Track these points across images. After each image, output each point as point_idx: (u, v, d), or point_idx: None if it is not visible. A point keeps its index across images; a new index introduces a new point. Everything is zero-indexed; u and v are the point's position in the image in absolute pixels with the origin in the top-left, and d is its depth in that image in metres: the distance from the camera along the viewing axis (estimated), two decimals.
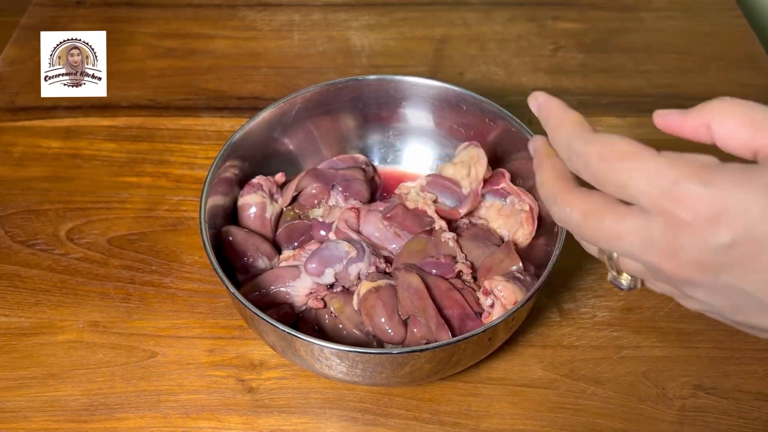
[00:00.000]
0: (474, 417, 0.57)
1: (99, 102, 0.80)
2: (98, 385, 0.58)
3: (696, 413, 0.57)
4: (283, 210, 0.64)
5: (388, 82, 0.65)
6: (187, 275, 0.65)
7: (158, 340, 0.61)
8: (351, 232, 0.60)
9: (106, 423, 0.56)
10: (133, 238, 0.68)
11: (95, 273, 0.65)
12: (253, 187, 0.62)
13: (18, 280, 0.65)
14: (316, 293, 0.58)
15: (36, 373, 0.59)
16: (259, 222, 0.62)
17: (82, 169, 0.74)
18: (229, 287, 0.51)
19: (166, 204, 0.71)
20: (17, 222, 0.69)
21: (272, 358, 0.60)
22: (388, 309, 0.55)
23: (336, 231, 0.61)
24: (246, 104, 0.81)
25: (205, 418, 0.56)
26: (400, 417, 0.57)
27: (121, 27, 0.90)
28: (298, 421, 0.56)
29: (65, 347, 0.61)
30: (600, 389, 0.58)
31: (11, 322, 0.62)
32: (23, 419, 0.56)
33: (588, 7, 0.83)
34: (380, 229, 0.61)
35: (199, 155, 0.75)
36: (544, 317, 0.63)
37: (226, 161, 0.60)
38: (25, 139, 0.77)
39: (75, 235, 0.68)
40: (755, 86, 0.82)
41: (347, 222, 0.61)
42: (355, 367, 0.50)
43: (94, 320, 0.62)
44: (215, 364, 0.60)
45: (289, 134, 0.65)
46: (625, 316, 0.62)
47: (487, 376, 0.59)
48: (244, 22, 0.91)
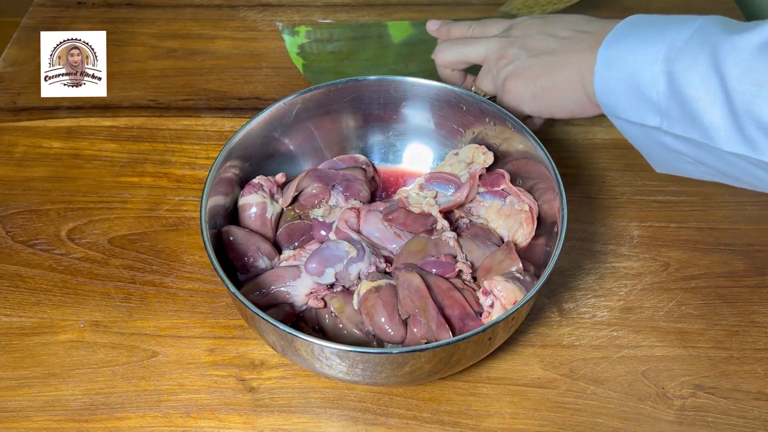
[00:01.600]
0: (474, 416, 0.57)
1: (100, 102, 0.80)
2: (99, 385, 0.58)
3: (695, 413, 0.57)
4: (283, 210, 0.64)
5: (389, 82, 0.65)
6: (188, 275, 0.66)
7: (159, 340, 0.61)
8: (351, 231, 0.60)
9: (107, 422, 0.56)
10: (134, 238, 0.68)
11: (96, 273, 0.66)
12: (254, 187, 0.62)
13: (19, 279, 0.65)
14: (317, 293, 0.58)
15: (37, 372, 0.59)
16: (260, 222, 0.62)
17: (84, 169, 0.74)
18: (229, 287, 0.51)
19: (167, 204, 0.71)
20: (18, 222, 0.70)
21: (273, 358, 0.60)
22: (389, 309, 0.55)
23: (336, 231, 0.61)
24: (247, 104, 0.81)
25: (206, 418, 0.57)
26: (401, 416, 0.57)
27: (122, 27, 0.90)
28: (299, 420, 0.57)
29: (66, 347, 0.61)
30: (600, 389, 0.58)
31: (12, 321, 0.62)
32: (24, 419, 0.57)
33: (588, 8, 0.83)
34: (380, 229, 0.61)
35: (200, 155, 0.76)
36: (543, 317, 0.63)
37: (227, 161, 0.60)
38: (26, 139, 0.77)
39: (76, 235, 0.69)
40: None
41: (347, 222, 0.61)
42: (356, 366, 0.50)
43: (95, 320, 0.62)
44: (216, 364, 0.60)
45: (290, 134, 0.65)
46: (624, 316, 0.63)
47: (487, 375, 0.59)
48: (244, 23, 0.91)
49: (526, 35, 0.65)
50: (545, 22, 0.65)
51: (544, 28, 0.64)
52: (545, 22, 0.65)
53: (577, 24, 0.62)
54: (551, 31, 0.63)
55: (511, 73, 0.64)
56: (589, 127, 0.78)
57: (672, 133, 0.53)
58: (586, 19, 0.62)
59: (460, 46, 0.69)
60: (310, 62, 0.85)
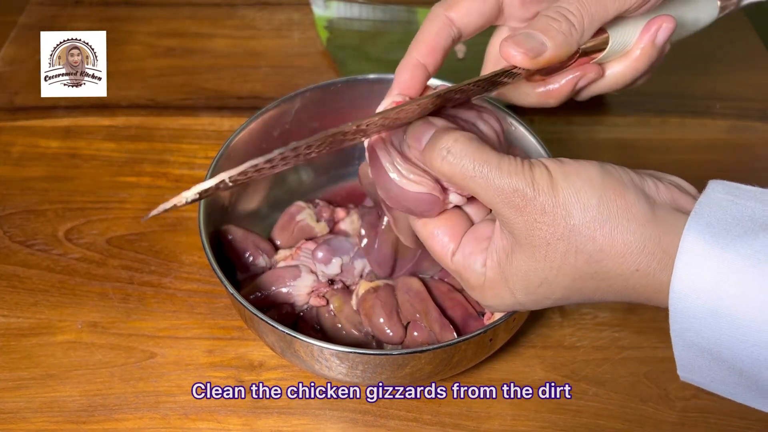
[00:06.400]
0: (475, 418, 0.56)
1: (98, 102, 0.80)
2: (97, 386, 0.58)
3: (698, 414, 0.57)
4: None
5: (389, 80, 0.64)
6: (186, 275, 0.65)
7: (157, 341, 0.61)
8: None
9: (104, 424, 0.56)
10: (132, 238, 0.68)
11: (94, 273, 0.65)
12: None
13: (17, 280, 0.65)
14: (318, 291, 0.58)
15: (34, 373, 0.59)
16: None
17: (81, 169, 0.74)
18: (228, 288, 0.51)
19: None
20: (16, 222, 0.69)
21: (272, 359, 0.59)
22: (387, 309, 0.55)
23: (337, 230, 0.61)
24: (245, 104, 0.80)
25: (205, 419, 0.56)
26: (401, 418, 0.56)
27: (120, 26, 0.90)
28: (298, 422, 0.56)
29: (64, 348, 0.60)
30: (601, 390, 0.58)
31: (10, 322, 0.62)
32: (22, 420, 0.56)
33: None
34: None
35: (198, 155, 0.75)
36: (545, 318, 0.62)
37: (226, 161, 0.59)
38: (23, 138, 0.77)
39: (74, 235, 0.68)
40: (756, 86, 0.82)
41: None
42: (355, 368, 0.50)
43: (92, 321, 0.62)
44: (214, 365, 0.59)
45: (289, 134, 0.65)
46: (626, 317, 0.62)
47: (488, 377, 0.59)
48: (243, 21, 0.91)
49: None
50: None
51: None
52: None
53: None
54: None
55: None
56: (591, 126, 0.78)
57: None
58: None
59: (479, 174, 0.39)
60: (335, 37, 0.86)
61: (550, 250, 0.38)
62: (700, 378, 0.38)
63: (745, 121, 0.79)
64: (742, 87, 0.82)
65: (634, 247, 0.36)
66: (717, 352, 0.35)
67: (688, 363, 0.37)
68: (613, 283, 0.38)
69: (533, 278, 0.39)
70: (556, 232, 0.37)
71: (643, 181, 0.38)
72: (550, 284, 0.39)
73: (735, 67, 0.84)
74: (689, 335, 0.36)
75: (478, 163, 0.38)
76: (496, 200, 0.38)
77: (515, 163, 0.38)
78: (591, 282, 0.38)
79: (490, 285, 0.41)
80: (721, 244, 0.34)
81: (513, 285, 0.40)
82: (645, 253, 0.36)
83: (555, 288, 0.39)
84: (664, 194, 0.38)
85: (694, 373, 0.38)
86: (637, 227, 0.36)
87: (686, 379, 0.39)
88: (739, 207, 0.35)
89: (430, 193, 0.42)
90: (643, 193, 0.37)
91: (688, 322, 0.35)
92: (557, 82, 0.49)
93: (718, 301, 0.34)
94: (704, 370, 0.37)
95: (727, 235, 0.34)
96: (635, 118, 0.79)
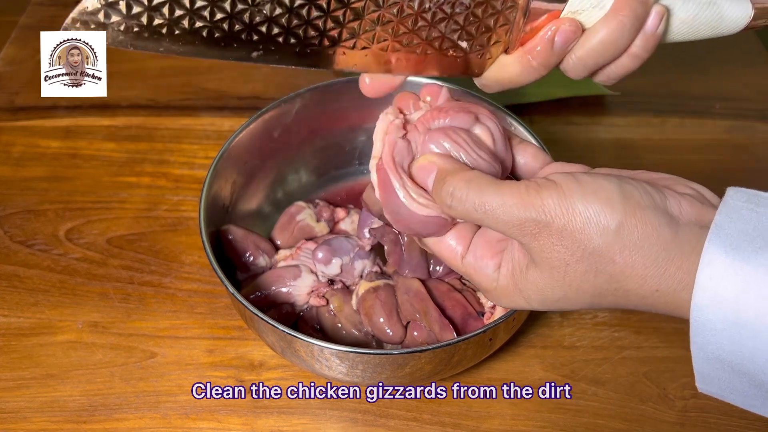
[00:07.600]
0: (475, 418, 0.56)
1: (98, 102, 0.80)
2: (97, 386, 0.58)
3: (697, 414, 0.57)
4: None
5: None
6: (187, 275, 0.65)
7: (157, 341, 0.61)
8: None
9: (105, 424, 0.56)
10: (132, 238, 0.68)
11: (94, 273, 0.65)
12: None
13: (17, 280, 0.65)
14: (318, 291, 0.58)
15: (35, 373, 0.59)
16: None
17: (82, 169, 0.74)
18: (228, 288, 0.51)
19: (166, 204, 0.71)
20: (16, 222, 0.69)
21: (272, 359, 0.60)
22: (387, 309, 0.55)
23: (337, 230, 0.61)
24: (246, 104, 0.80)
25: (205, 419, 0.56)
26: (401, 418, 0.56)
27: None
28: (298, 422, 0.56)
29: (64, 348, 0.60)
30: (601, 390, 0.58)
31: (10, 322, 0.62)
32: (22, 420, 0.56)
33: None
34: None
35: (198, 155, 0.75)
36: (545, 318, 0.62)
37: (226, 161, 0.59)
38: (24, 138, 0.77)
39: (74, 235, 0.68)
40: (755, 86, 0.82)
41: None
42: (356, 367, 0.50)
43: (93, 320, 0.62)
44: (215, 365, 0.59)
45: (289, 134, 0.65)
46: (626, 317, 0.62)
47: (487, 376, 0.59)
48: None
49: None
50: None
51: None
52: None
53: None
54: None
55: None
56: (590, 126, 0.78)
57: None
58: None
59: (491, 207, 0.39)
60: None
61: (569, 271, 0.38)
62: (719, 390, 0.38)
63: (744, 121, 0.79)
64: (741, 87, 0.82)
65: (655, 270, 0.36)
66: (738, 364, 0.35)
67: (708, 375, 0.37)
68: (632, 299, 0.38)
69: (550, 295, 0.39)
70: (575, 254, 0.37)
71: (666, 200, 0.37)
72: (569, 300, 0.39)
73: (734, 68, 0.84)
74: (710, 348, 0.35)
75: (480, 205, 0.38)
76: (509, 231, 0.38)
77: (519, 191, 0.38)
78: (610, 297, 0.38)
79: (503, 291, 0.41)
80: (743, 256, 0.33)
81: (527, 296, 0.40)
82: (666, 276, 0.36)
83: (574, 303, 0.39)
84: (687, 212, 0.37)
85: (713, 385, 0.38)
86: (660, 251, 0.36)
87: (704, 391, 0.38)
88: (760, 216, 0.35)
89: (439, 216, 0.42)
90: (665, 215, 0.36)
91: (710, 335, 0.35)
92: (534, 42, 0.45)
93: (741, 313, 0.33)
94: (724, 382, 0.37)
95: (748, 246, 0.34)
96: (635, 118, 0.80)
